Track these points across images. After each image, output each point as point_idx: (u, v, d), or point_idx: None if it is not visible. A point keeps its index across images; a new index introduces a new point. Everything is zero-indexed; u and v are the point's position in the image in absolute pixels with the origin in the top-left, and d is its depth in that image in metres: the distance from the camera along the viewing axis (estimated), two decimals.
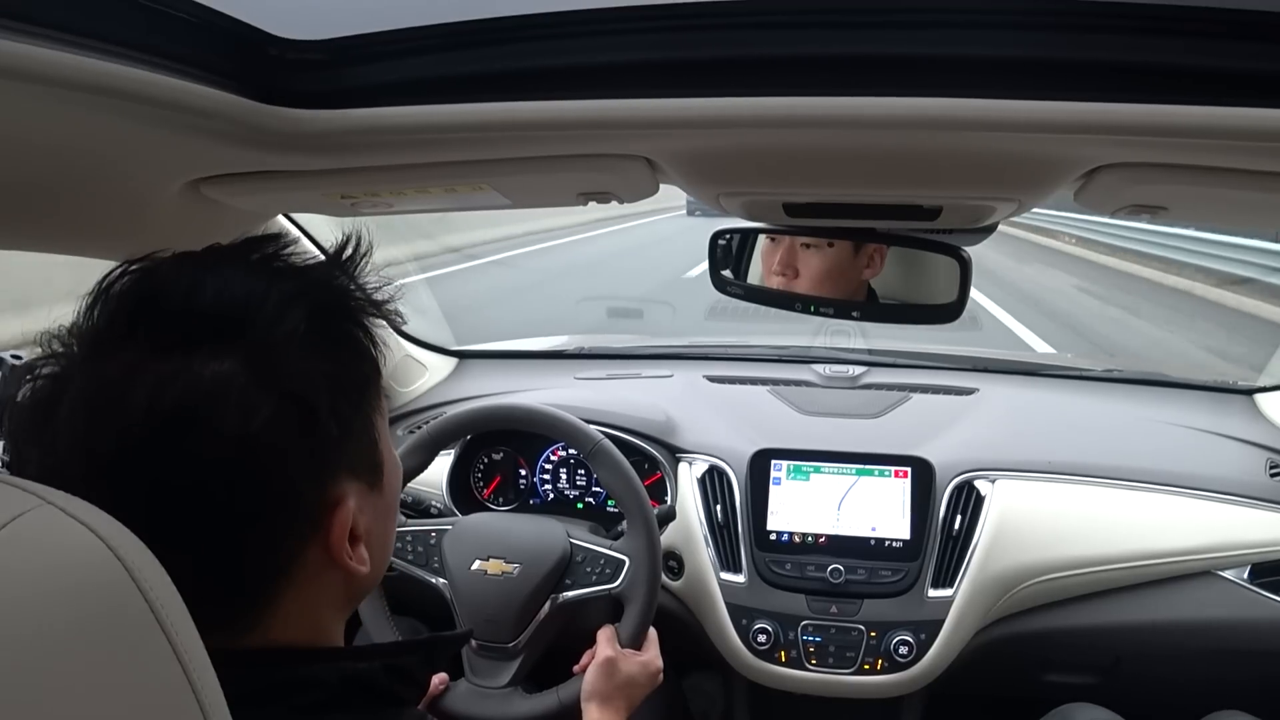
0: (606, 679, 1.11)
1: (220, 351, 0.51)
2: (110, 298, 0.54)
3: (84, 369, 0.51)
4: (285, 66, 0.59)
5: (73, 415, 0.50)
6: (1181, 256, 9.97)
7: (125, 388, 0.49)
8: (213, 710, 0.37)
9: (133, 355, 0.50)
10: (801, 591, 1.42)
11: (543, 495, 1.65)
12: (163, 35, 0.53)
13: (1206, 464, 1.51)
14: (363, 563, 0.58)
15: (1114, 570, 1.41)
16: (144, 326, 0.51)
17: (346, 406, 0.56)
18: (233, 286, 0.53)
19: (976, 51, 0.55)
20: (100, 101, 0.53)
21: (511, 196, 0.82)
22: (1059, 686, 1.47)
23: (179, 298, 0.53)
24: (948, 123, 0.58)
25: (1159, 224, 9.36)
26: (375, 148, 0.66)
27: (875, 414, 1.63)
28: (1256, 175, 0.64)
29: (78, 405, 0.50)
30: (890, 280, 1.08)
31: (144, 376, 0.49)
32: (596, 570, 1.22)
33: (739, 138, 0.64)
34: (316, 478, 0.55)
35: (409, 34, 0.59)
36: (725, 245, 1.12)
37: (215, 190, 0.77)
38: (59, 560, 0.33)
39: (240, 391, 0.50)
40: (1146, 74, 0.54)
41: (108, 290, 0.54)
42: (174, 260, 0.56)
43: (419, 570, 1.26)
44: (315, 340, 0.54)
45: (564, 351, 2.03)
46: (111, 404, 0.49)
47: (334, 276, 0.59)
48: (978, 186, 0.76)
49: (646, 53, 0.58)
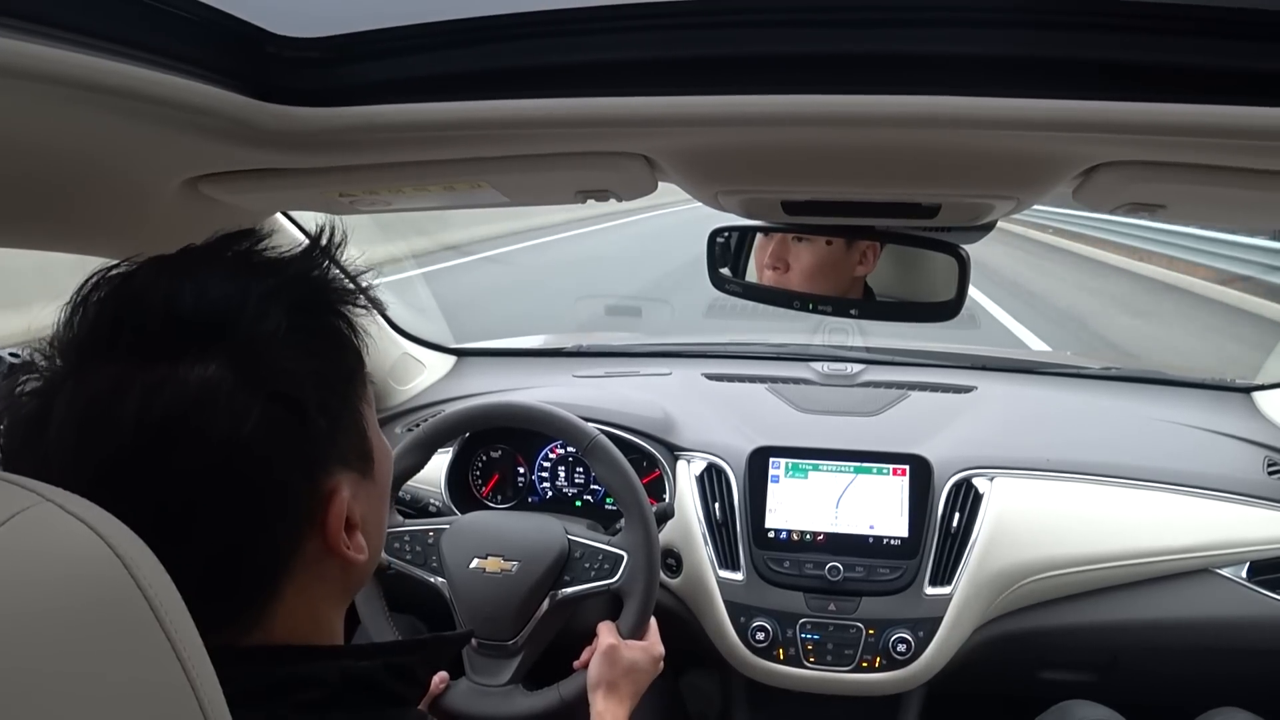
0: (610, 667, 1.12)
1: (205, 355, 0.50)
2: (89, 307, 0.53)
3: (69, 384, 0.51)
4: (283, 64, 0.59)
5: (62, 433, 0.50)
6: (1177, 253, 9.98)
7: (113, 401, 0.49)
8: (211, 707, 0.37)
9: (117, 367, 0.50)
10: (800, 589, 1.42)
11: (541, 493, 1.65)
12: (160, 33, 0.53)
13: (1205, 462, 1.51)
14: (360, 550, 0.58)
15: (1112, 568, 1.41)
16: (126, 336, 0.51)
17: (334, 400, 0.57)
18: (211, 290, 0.53)
19: (975, 50, 0.55)
20: (98, 99, 0.53)
21: (510, 194, 0.82)
22: (1057, 684, 1.47)
23: (158, 306, 0.52)
24: (946, 121, 0.58)
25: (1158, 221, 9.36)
26: (373, 145, 0.66)
27: (873, 412, 1.63)
28: (1255, 174, 0.64)
29: (66, 422, 0.50)
30: (888, 278, 1.08)
31: (130, 388, 0.49)
32: (595, 566, 1.22)
33: (737, 136, 0.64)
34: (309, 473, 0.55)
35: (407, 31, 0.59)
36: (723, 243, 1.12)
37: (213, 188, 0.77)
38: (58, 557, 0.33)
39: (228, 395, 0.50)
40: (1145, 72, 0.54)
41: (85, 300, 0.53)
42: (150, 265, 0.55)
43: (418, 570, 1.26)
44: (298, 337, 0.54)
45: (562, 349, 2.03)
46: (100, 418, 0.49)
47: (312, 267, 0.59)
48: (976, 184, 0.76)
49: (645, 51, 0.58)
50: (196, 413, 0.49)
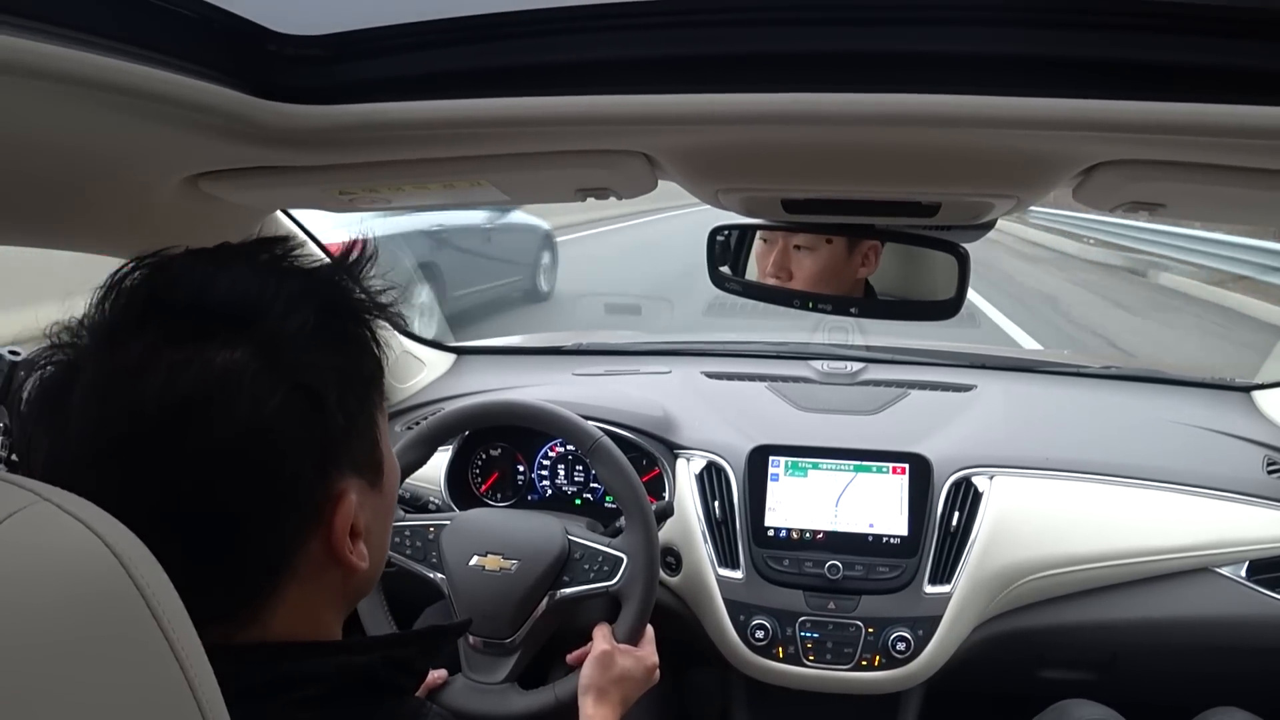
0: (602, 672, 1.12)
1: (232, 341, 0.52)
2: (122, 292, 0.54)
3: (96, 358, 0.52)
4: (283, 62, 0.59)
5: (85, 401, 0.51)
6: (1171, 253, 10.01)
7: (139, 375, 0.50)
8: (209, 706, 0.37)
9: (145, 344, 0.51)
10: (799, 588, 1.42)
11: (541, 491, 1.65)
12: (162, 30, 0.53)
13: (1204, 461, 1.51)
14: (362, 559, 0.59)
15: (1111, 567, 1.41)
16: (156, 319, 0.52)
17: (353, 400, 0.58)
18: (244, 282, 0.55)
19: (975, 48, 0.55)
20: (98, 97, 0.53)
21: (510, 192, 0.82)
22: (1056, 683, 1.47)
23: (191, 292, 0.53)
24: (946, 119, 0.58)
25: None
26: (373, 143, 0.66)
27: (873, 410, 1.63)
28: (1254, 173, 0.64)
29: (90, 391, 0.51)
30: (888, 277, 1.08)
31: (157, 364, 0.50)
32: (594, 568, 1.22)
33: (738, 134, 0.64)
34: (321, 468, 0.56)
35: (407, 29, 0.59)
36: (723, 241, 1.12)
37: (214, 185, 0.77)
38: (55, 556, 0.33)
39: (252, 379, 0.51)
40: (1145, 71, 0.54)
41: (120, 284, 0.55)
42: (185, 256, 0.57)
43: (417, 565, 1.26)
44: (324, 335, 0.56)
45: (562, 347, 2.03)
46: (125, 390, 0.50)
47: (340, 278, 0.60)
48: (976, 183, 0.76)
49: (645, 49, 0.58)
50: (219, 394, 0.50)
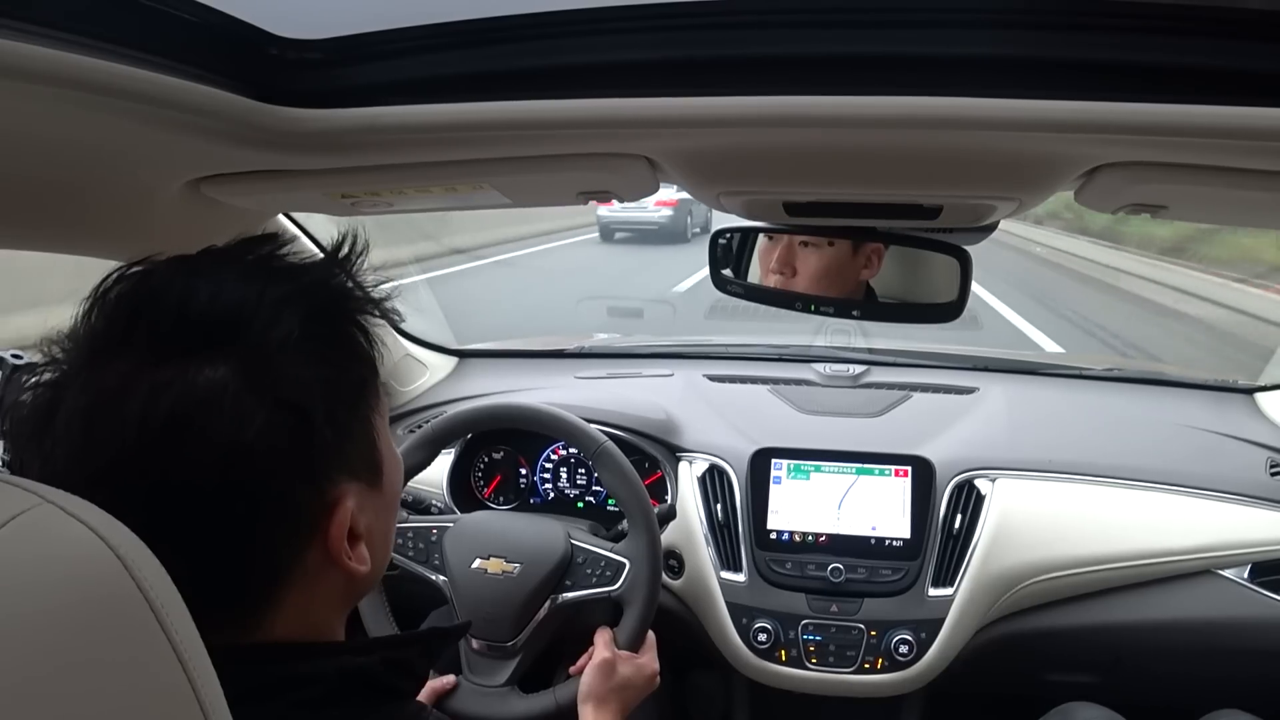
0: (603, 680, 1.11)
1: (214, 358, 0.51)
2: (107, 303, 0.54)
3: (81, 377, 0.51)
4: (285, 66, 0.59)
5: (69, 425, 0.50)
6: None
7: (121, 397, 0.49)
8: (212, 707, 0.37)
9: (129, 363, 0.50)
10: (802, 590, 1.42)
11: (543, 494, 1.65)
12: (163, 35, 0.53)
13: (1207, 463, 1.51)
14: (363, 562, 0.58)
15: (1114, 569, 1.41)
16: (140, 333, 0.51)
17: (343, 411, 0.56)
18: (227, 291, 0.53)
19: (976, 51, 0.55)
20: (100, 101, 0.53)
21: (512, 195, 0.82)
22: (1059, 685, 1.47)
23: (174, 304, 0.52)
24: (948, 122, 0.58)
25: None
26: (375, 147, 0.66)
27: (875, 413, 1.63)
28: (1257, 174, 0.64)
29: (74, 415, 0.50)
30: (890, 279, 1.07)
31: (139, 385, 0.49)
32: (597, 572, 1.22)
33: (739, 137, 0.64)
34: (313, 482, 0.55)
35: (409, 33, 0.59)
36: (725, 244, 1.12)
37: (216, 190, 0.77)
38: (58, 558, 0.33)
39: (233, 399, 0.50)
40: (1147, 73, 0.54)
41: (104, 295, 0.54)
42: (169, 264, 0.55)
43: (419, 567, 1.26)
44: (310, 344, 0.54)
45: (564, 351, 2.03)
46: (107, 413, 0.49)
47: (331, 275, 0.59)
48: (978, 186, 0.76)
49: (647, 52, 0.58)
50: (201, 413, 0.49)
